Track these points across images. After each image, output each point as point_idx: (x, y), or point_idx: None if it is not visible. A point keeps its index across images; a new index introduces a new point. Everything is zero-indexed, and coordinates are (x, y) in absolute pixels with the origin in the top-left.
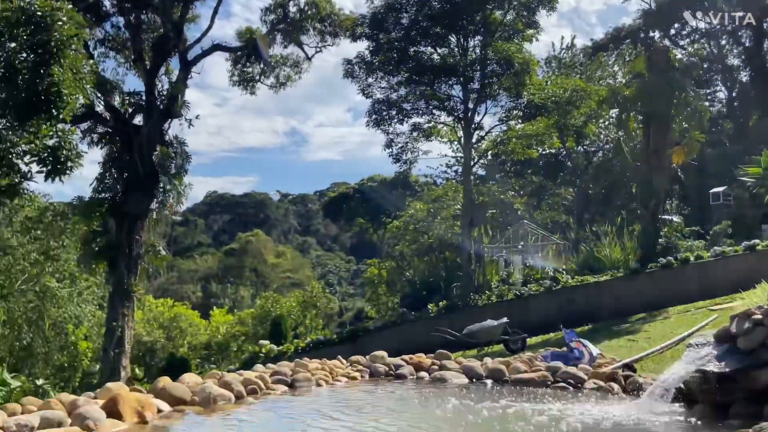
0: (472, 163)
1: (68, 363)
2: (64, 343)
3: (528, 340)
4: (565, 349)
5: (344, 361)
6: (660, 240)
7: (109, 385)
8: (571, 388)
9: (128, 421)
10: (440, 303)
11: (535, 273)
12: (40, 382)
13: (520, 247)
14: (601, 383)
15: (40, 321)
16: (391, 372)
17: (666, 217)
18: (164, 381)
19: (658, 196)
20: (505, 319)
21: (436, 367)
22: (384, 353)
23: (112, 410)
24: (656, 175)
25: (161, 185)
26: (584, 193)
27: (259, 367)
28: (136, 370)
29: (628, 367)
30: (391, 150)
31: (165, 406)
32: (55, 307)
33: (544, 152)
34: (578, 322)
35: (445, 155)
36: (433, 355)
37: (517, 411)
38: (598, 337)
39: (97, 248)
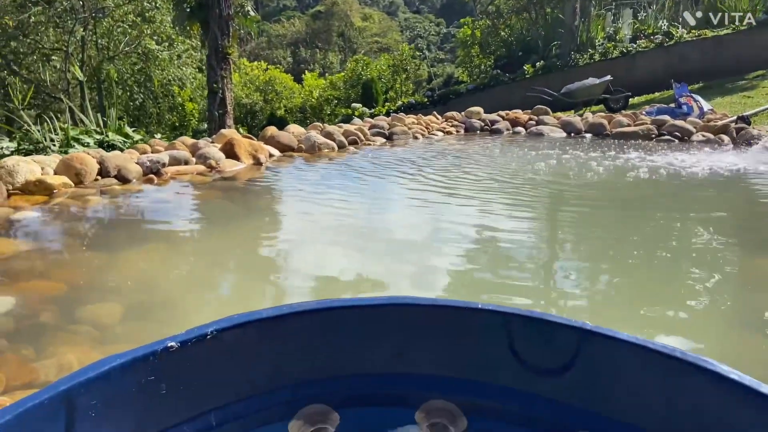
0: None
1: (178, 123)
2: (173, 104)
3: (631, 99)
4: (673, 105)
5: (439, 116)
6: None
7: (223, 131)
8: (677, 141)
9: (245, 163)
10: (537, 64)
11: (647, 28)
12: (157, 137)
13: None
14: (711, 136)
15: (147, 82)
16: (487, 127)
17: None
18: (272, 130)
19: None
20: (608, 77)
21: (533, 122)
22: (480, 109)
23: (230, 152)
24: None
25: None
26: None
27: (357, 120)
28: (240, 130)
29: (743, 119)
30: None
31: (275, 152)
32: (159, 69)
33: None
34: (690, 79)
35: None
36: (530, 111)
37: (610, 158)
38: (711, 93)
39: (188, 9)
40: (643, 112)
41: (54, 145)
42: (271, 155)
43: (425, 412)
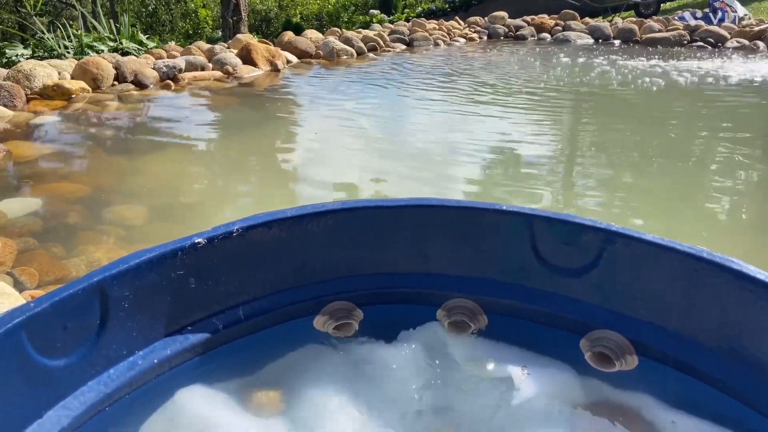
0: None
1: (192, 30)
2: (185, 11)
3: (663, 5)
4: (706, 10)
5: (462, 22)
6: None
7: (239, 36)
8: (710, 47)
9: (262, 69)
10: None
11: None
12: (171, 44)
13: None
14: (746, 42)
15: None
16: (511, 33)
17: None
18: (289, 35)
19: None
20: None
21: (559, 28)
22: (504, 14)
23: (246, 58)
24: None
25: None
26: None
27: (377, 26)
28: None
29: None
30: None
31: (293, 58)
32: None
33: None
34: None
35: None
36: (557, 16)
37: (634, 65)
38: None
39: None
40: (676, 17)
41: (68, 52)
42: (288, 61)
43: (446, 310)
